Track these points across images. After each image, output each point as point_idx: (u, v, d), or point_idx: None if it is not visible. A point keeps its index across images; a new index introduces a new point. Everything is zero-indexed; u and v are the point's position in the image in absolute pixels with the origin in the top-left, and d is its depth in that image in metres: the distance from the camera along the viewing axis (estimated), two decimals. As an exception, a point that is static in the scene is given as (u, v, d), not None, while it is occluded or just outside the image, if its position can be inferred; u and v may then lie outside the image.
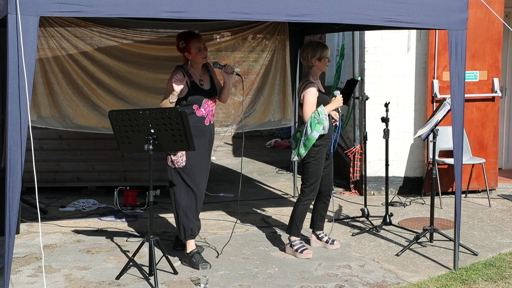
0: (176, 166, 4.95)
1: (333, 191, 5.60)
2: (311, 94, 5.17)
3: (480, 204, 7.12)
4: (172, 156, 4.94)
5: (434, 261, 5.15)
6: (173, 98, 4.81)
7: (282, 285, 4.58)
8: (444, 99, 5.57)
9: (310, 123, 5.11)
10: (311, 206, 5.54)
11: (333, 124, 5.34)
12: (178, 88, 4.77)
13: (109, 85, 6.48)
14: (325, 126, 5.14)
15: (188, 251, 5.04)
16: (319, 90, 5.23)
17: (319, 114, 5.11)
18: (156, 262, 4.59)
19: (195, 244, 5.10)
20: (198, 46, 4.95)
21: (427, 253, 5.35)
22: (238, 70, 5.02)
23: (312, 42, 5.41)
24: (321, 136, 5.15)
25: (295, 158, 5.28)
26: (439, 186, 6.90)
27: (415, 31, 7.36)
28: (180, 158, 4.92)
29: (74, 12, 3.84)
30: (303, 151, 5.17)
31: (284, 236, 5.58)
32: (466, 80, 4.90)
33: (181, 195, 4.99)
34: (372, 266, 5.01)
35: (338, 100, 5.23)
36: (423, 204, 7.14)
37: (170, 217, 6.50)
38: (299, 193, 5.34)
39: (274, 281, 4.67)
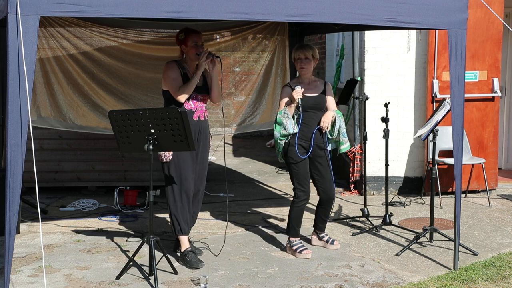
0: (164, 160, 4.97)
1: (335, 198, 5.53)
2: (280, 97, 5.27)
3: (480, 204, 7.12)
4: (159, 152, 4.95)
5: (434, 261, 5.15)
6: (198, 75, 4.88)
7: (282, 285, 4.58)
8: (444, 99, 5.57)
9: (274, 124, 5.20)
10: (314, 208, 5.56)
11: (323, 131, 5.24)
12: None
13: (110, 85, 6.49)
14: (286, 126, 5.09)
15: (182, 249, 5.05)
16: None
17: (278, 114, 5.16)
18: (156, 262, 4.59)
19: (189, 243, 5.11)
20: (195, 40, 4.99)
21: (427, 253, 5.35)
22: (214, 53, 5.00)
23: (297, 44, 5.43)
24: (284, 136, 5.15)
25: (281, 160, 5.37)
26: (439, 186, 6.90)
27: (415, 31, 7.36)
28: (166, 152, 4.93)
29: (74, 12, 3.84)
30: (278, 154, 5.28)
31: (284, 236, 5.58)
32: (466, 80, 4.90)
33: (169, 190, 5.02)
34: (372, 266, 5.01)
35: (292, 96, 5.08)
36: (423, 204, 7.15)
37: (170, 217, 6.51)
38: (293, 195, 5.32)
39: (274, 281, 4.67)
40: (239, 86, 7.41)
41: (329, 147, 5.37)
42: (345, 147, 5.33)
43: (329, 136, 5.28)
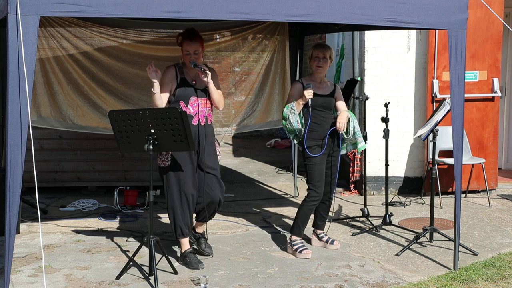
0: (162, 165, 4.95)
1: (334, 193, 5.58)
2: (290, 91, 5.31)
3: (480, 204, 7.12)
4: (158, 155, 4.94)
5: (434, 261, 5.15)
6: (155, 89, 4.78)
7: (282, 285, 4.58)
8: (444, 99, 5.57)
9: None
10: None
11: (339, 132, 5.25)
12: (152, 76, 4.75)
13: (109, 85, 6.48)
14: (292, 122, 5.11)
15: (182, 250, 5.05)
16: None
17: (284, 109, 5.18)
18: (156, 262, 4.59)
19: (190, 244, 5.10)
20: (186, 50, 4.92)
21: (427, 253, 5.35)
22: (202, 66, 4.93)
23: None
24: (290, 131, 5.19)
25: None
26: (439, 186, 6.91)
27: (415, 31, 7.36)
28: (165, 157, 4.91)
29: (74, 12, 3.84)
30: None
31: (284, 236, 5.58)
32: (466, 80, 4.90)
33: (168, 193, 4.99)
34: (372, 266, 5.01)
35: (303, 94, 5.09)
36: (423, 204, 7.15)
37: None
38: (306, 194, 5.32)
39: (274, 281, 4.67)
40: (239, 86, 7.41)
41: (345, 150, 5.42)
42: (361, 146, 5.41)
43: (344, 136, 5.29)
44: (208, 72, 4.83)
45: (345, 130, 5.24)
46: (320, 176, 5.25)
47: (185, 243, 5.05)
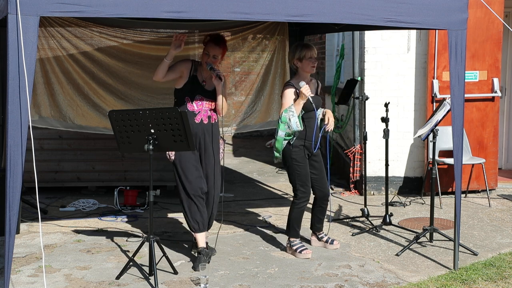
0: (170, 160, 5.06)
1: (332, 191, 5.58)
2: (285, 97, 5.17)
3: (480, 204, 7.12)
4: None
5: (434, 261, 5.15)
6: (168, 57, 4.95)
7: (282, 285, 4.58)
8: (444, 99, 5.57)
9: (277, 124, 5.13)
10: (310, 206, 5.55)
11: (326, 127, 5.26)
12: (176, 45, 4.91)
13: (110, 85, 6.48)
14: (291, 125, 5.04)
15: (197, 246, 5.11)
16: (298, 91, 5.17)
17: (282, 113, 5.09)
18: (156, 262, 4.59)
19: (203, 242, 5.11)
20: (207, 50, 5.03)
21: (427, 253, 5.35)
22: (218, 72, 4.95)
23: (296, 43, 5.42)
24: (289, 135, 5.10)
25: (275, 161, 5.34)
26: (439, 186, 6.90)
27: (415, 31, 7.36)
28: (170, 152, 4.99)
29: (74, 12, 3.85)
30: (277, 154, 5.23)
31: (284, 236, 5.58)
32: (466, 80, 4.90)
33: (178, 188, 5.09)
34: (372, 266, 5.02)
35: (301, 93, 5.04)
36: (423, 204, 7.15)
37: (170, 217, 6.51)
38: (293, 196, 5.32)
39: (274, 281, 4.67)
40: (239, 86, 7.40)
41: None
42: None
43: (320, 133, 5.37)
44: (222, 76, 4.93)
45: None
46: (307, 175, 5.23)
47: (198, 239, 5.10)
